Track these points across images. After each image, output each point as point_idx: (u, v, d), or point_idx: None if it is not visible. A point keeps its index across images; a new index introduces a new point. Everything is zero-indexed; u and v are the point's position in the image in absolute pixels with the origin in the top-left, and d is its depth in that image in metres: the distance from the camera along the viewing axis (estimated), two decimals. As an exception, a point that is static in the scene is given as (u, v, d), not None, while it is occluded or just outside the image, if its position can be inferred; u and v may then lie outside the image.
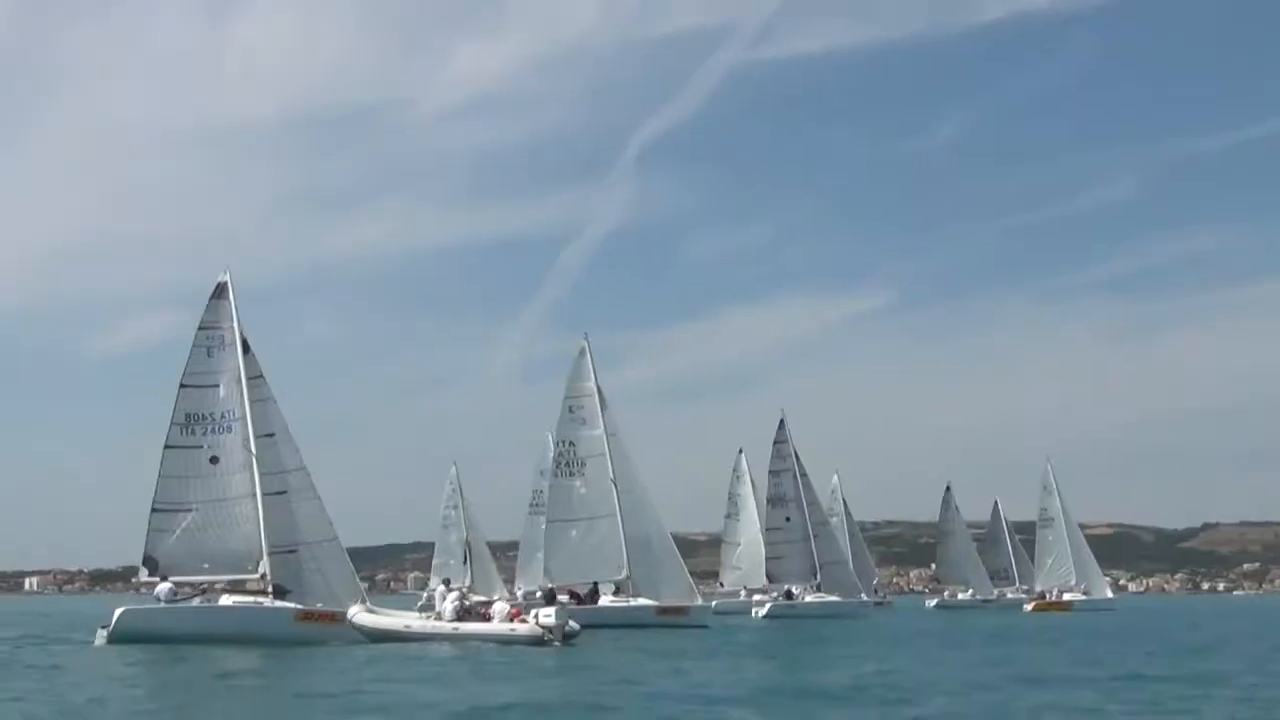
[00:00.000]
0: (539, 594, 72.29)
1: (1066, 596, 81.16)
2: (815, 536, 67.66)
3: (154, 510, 37.60)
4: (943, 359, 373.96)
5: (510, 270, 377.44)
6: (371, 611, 37.21)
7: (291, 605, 36.80)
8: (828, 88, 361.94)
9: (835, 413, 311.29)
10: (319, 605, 37.02)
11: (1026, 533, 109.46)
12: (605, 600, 52.54)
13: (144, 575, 37.45)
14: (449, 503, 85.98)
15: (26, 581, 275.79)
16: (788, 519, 68.00)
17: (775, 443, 69.25)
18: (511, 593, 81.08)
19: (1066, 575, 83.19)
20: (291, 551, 37.65)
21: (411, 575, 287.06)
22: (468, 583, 76.97)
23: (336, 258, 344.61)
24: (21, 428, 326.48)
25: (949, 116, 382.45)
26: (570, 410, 55.21)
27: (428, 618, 36.86)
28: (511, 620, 35.27)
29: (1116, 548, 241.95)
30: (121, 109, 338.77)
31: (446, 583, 37.73)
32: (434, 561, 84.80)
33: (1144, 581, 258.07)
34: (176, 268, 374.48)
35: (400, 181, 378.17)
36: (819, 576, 67.48)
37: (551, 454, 77.14)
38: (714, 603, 62.44)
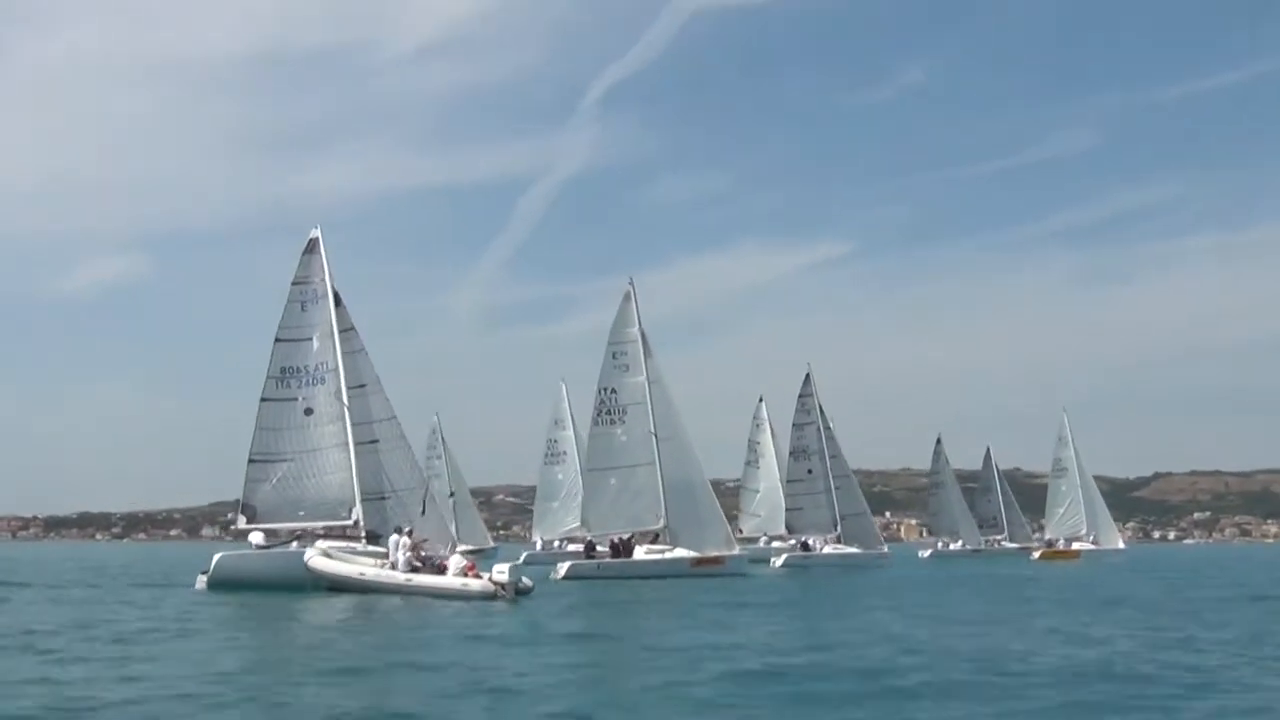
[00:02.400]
0: (557, 544, 73.23)
1: (1075, 545, 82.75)
2: (837, 489, 68.27)
3: (251, 461, 38.41)
4: (898, 309, 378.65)
5: (471, 215, 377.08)
6: (328, 556, 36.81)
7: (380, 550, 37.45)
8: (790, 34, 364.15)
9: (787, 360, 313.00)
10: None
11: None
12: (640, 551, 52.32)
13: (241, 523, 38.04)
14: (432, 452, 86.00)
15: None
16: (809, 471, 68.56)
17: (800, 395, 69.62)
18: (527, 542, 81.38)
19: (1077, 525, 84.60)
20: (383, 498, 38.54)
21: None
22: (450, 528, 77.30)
23: (298, 200, 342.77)
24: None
25: (911, 65, 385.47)
26: (614, 356, 54.24)
27: (382, 566, 36.06)
28: (466, 574, 34.60)
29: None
30: (85, 44, 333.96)
31: (399, 530, 36.81)
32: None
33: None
34: (137, 209, 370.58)
35: (363, 124, 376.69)
36: (839, 528, 68.26)
37: (565, 404, 78.30)
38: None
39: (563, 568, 50.90)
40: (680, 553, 51.74)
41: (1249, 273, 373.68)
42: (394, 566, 35.60)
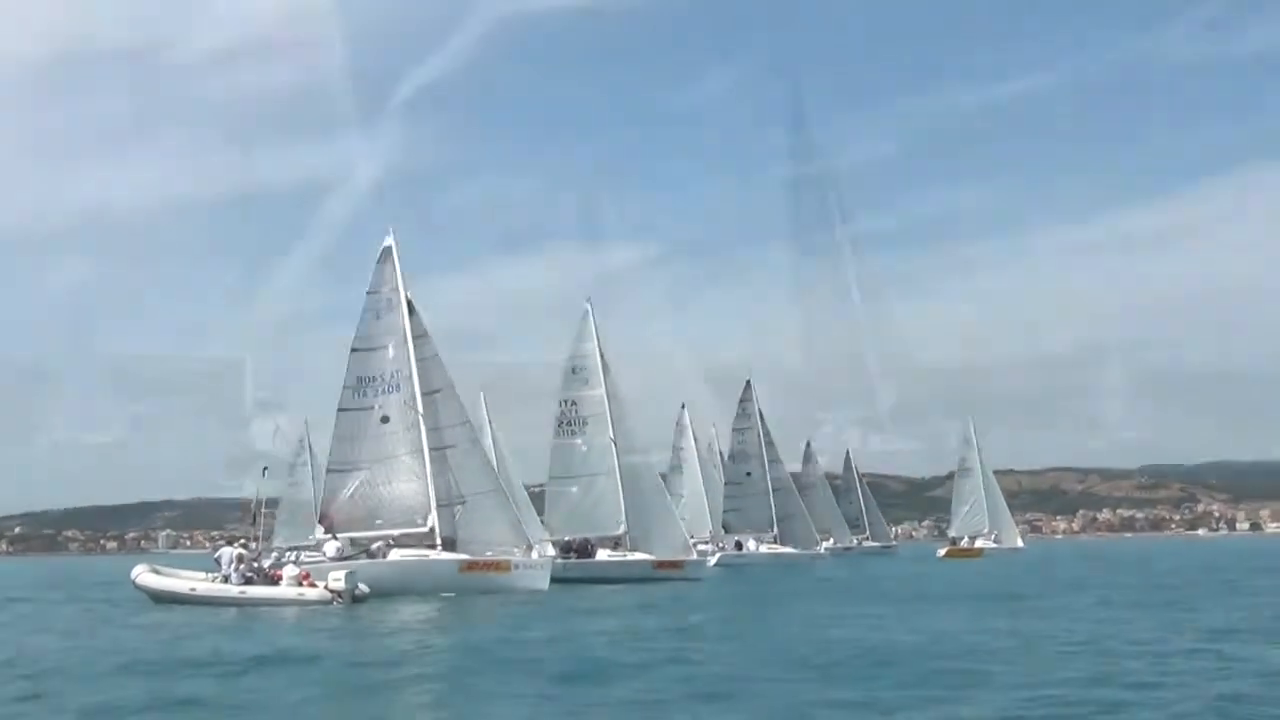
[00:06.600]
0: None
1: (978, 543, 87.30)
2: (775, 491, 71.16)
3: (329, 471, 38.47)
4: (703, 313, 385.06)
5: (273, 220, 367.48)
6: (156, 572, 37.25)
7: (457, 556, 38.13)
8: (597, 39, 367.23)
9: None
10: (486, 554, 38.47)
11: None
12: (603, 554, 53.87)
13: (320, 533, 37.89)
14: (299, 459, 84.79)
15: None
16: (749, 474, 71.35)
17: (740, 401, 72.61)
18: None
19: (980, 523, 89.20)
20: (459, 503, 38.90)
21: (163, 534, 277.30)
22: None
23: (91, 205, 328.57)
24: None
25: (715, 72, 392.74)
26: (574, 371, 56.30)
27: (214, 579, 35.97)
28: (301, 584, 34.60)
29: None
30: None
31: (230, 541, 37.27)
32: (280, 517, 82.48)
33: (893, 529, 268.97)
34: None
35: (160, 128, 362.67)
36: (776, 529, 71.00)
37: (481, 411, 78.67)
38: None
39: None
40: (641, 555, 53.35)
41: (1039, 280, 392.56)
42: (226, 580, 35.60)
